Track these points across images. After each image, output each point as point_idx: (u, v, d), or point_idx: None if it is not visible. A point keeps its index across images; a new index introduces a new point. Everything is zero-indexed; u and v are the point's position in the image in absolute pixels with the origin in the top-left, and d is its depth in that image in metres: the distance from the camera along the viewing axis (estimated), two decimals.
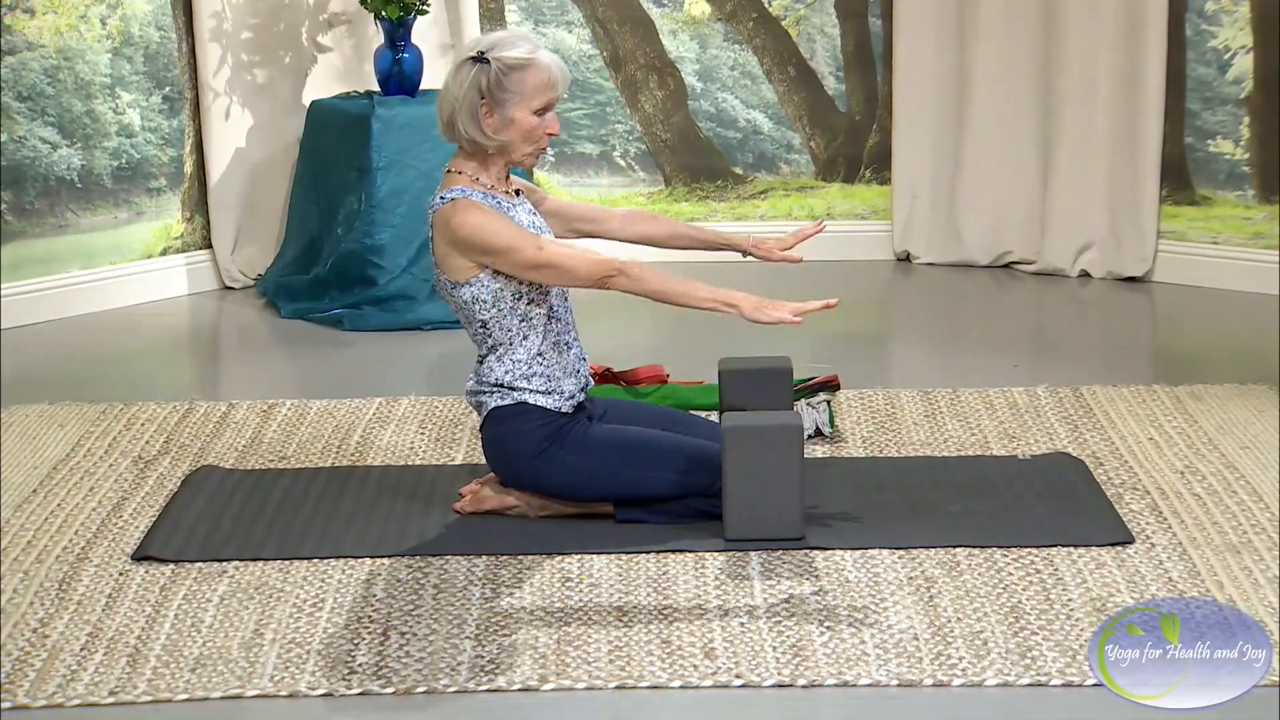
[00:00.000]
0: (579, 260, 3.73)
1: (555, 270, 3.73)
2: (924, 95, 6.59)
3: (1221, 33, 6.18)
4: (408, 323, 5.81)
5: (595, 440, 3.89)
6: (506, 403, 3.86)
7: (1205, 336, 5.76)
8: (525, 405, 3.86)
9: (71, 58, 5.95)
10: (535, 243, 3.73)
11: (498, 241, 3.71)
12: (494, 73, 3.73)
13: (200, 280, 6.35)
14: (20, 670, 3.29)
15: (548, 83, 3.77)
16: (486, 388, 3.88)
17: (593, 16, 6.72)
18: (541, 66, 3.76)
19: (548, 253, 3.72)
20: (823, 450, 4.48)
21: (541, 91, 3.77)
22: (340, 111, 6.04)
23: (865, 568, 3.70)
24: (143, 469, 4.40)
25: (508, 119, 3.76)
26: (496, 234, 3.71)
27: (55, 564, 3.79)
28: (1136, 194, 6.30)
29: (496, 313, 3.81)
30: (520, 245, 3.71)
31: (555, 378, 3.87)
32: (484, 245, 3.72)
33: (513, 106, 3.75)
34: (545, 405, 3.86)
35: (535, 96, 3.76)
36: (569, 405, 3.89)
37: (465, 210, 3.74)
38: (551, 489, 3.93)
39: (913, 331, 6.08)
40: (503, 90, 3.74)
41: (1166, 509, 4.02)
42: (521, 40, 3.79)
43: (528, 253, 3.71)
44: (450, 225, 3.74)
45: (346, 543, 3.87)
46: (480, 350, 3.90)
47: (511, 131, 3.77)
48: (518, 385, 3.85)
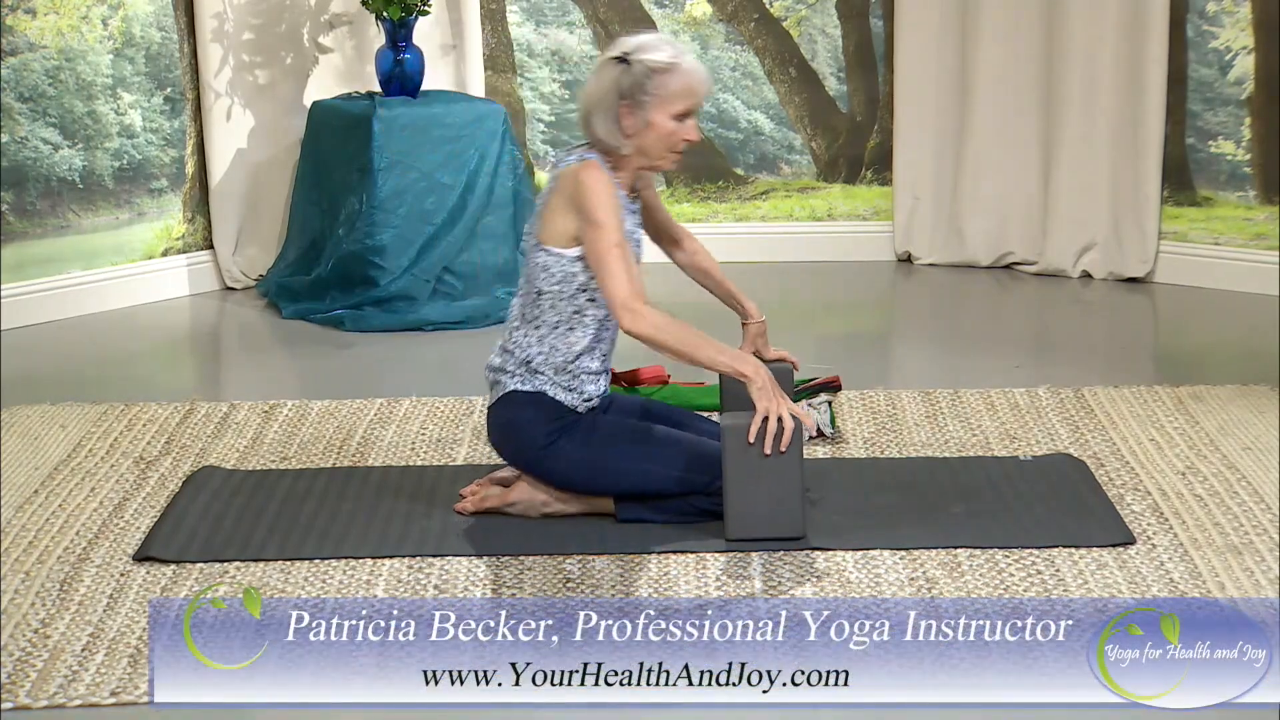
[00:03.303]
0: (630, 276, 3.71)
1: (607, 269, 3.71)
2: (925, 96, 6.59)
3: (1223, 34, 6.17)
4: (409, 323, 5.81)
5: (602, 432, 3.89)
6: (525, 388, 3.87)
7: (1207, 337, 5.76)
8: (543, 396, 3.86)
9: (73, 58, 5.96)
10: (616, 237, 3.72)
11: (599, 214, 3.72)
12: (636, 74, 3.75)
13: (201, 281, 6.36)
14: (21, 671, 3.29)
15: (689, 89, 3.78)
16: (512, 365, 3.88)
17: (594, 17, 6.72)
18: (684, 72, 3.77)
19: (617, 252, 3.72)
20: (824, 451, 4.48)
21: (683, 97, 3.77)
22: (342, 112, 6.04)
23: (866, 568, 3.70)
24: (144, 469, 4.40)
25: (646, 121, 3.77)
26: (604, 207, 3.72)
27: (56, 564, 3.79)
28: (1138, 195, 6.30)
29: (558, 291, 3.82)
30: (610, 232, 3.71)
31: (581, 379, 3.88)
32: (589, 211, 3.73)
33: (652, 109, 3.76)
34: (562, 401, 3.87)
35: (676, 101, 3.77)
36: (584, 407, 3.90)
37: (594, 171, 3.75)
38: (556, 479, 3.93)
39: (914, 332, 6.07)
40: (643, 93, 3.75)
41: (1168, 510, 4.02)
42: (666, 44, 3.80)
43: (607, 244, 3.71)
44: (577, 179, 3.75)
45: (347, 543, 3.87)
46: (524, 320, 3.89)
47: (649, 134, 3.78)
48: (543, 371, 3.85)
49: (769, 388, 3.74)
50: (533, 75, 6.74)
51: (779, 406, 3.73)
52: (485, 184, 5.99)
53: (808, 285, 6.47)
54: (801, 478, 3.80)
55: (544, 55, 6.74)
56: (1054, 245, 6.47)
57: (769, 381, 3.75)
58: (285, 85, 6.38)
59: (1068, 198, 6.41)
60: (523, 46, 6.73)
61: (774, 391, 3.75)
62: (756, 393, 3.74)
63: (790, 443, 3.75)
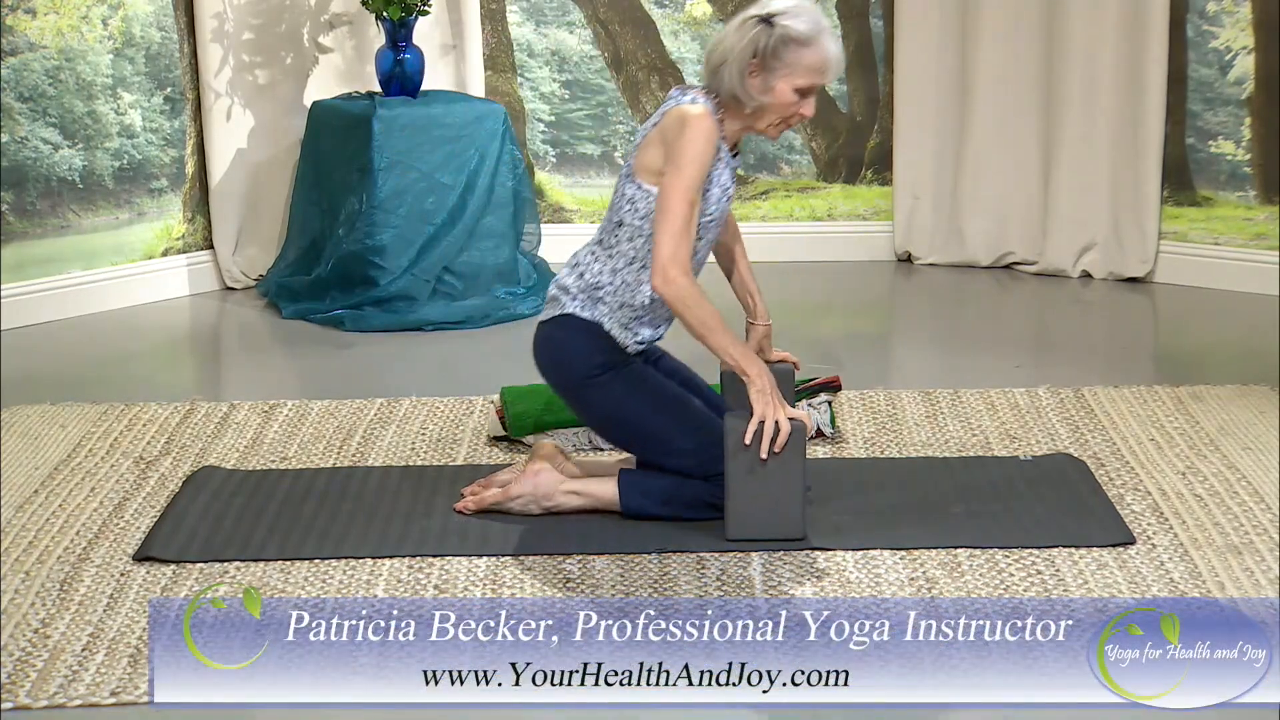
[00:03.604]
0: (681, 242, 3.72)
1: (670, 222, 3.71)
2: (925, 96, 6.59)
3: (1223, 34, 6.17)
4: (409, 323, 5.81)
5: (649, 385, 3.89)
6: (584, 314, 3.88)
7: (1207, 337, 5.76)
8: (598, 328, 3.87)
9: (73, 58, 5.96)
10: (690, 197, 3.72)
11: (685, 162, 3.71)
12: (774, 39, 3.74)
13: (201, 281, 6.36)
14: (22, 671, 3.29)
15: (819, 67, 3.76)
16: (576, 288, 3.89)
17: (594, 17, 6.72)
18: (820, 49, 3.76)
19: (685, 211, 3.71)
20: (824, 451, 4.48)
21: (811, 73, 3.76)
22: (342, 112, 6.04)
23: (866, 568, 3.70)
24: (144, 469, 4.40)
25: (770, 86, 3.76)
26: (692, 160, 3.72)
27: (56, 564, 3.79)
28: (1138, 195, 6.30)
29: (638, 227, 3.83)
30: (687, 187, 3.71)
31: (641, 321, 3.89)
32: (678, 153, 3.72)
33: (779, 76, 3.75)
34: (615, 337, 3.88)
35: (803, 75, 3.76)
36: (635, 348, 3.91)
37: (702, 121, 3.74)
38: (589, 413, 3.94)
39: (914, 332, 6.07)
40: (776, 59, 3.75)
41: (1168, 510, 4.02)
42: (810, 16, 3.78)
43: (680, 189, 3.71)
44: (682, 119, 3.74)
45: (347, 543, 3.87)
46: (600, 246, 3.90)
47: (768, 100, 3.78)
48: (607, 301, 3.86)
49: (769, 392, 3.75)
50: (533, 75, 6.74)
51: (776, 411, 3.74)
52: (485, 184, 5.99)
53: (808, 285, 6.47)
54: (804, 479, 3.80)
55: (544, 55, 6.74)
56: (1054, 245, 6.48)
57: (770, 387, 3.76)
58: (285, 85, 6.38)
59: (1068, 198, 6.41)
60: (523, 46, 6.73)
61: (773, 396, 3.76)
62: (755, 395, 3.75)
63: (790, 445, 3.75)
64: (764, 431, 3.73)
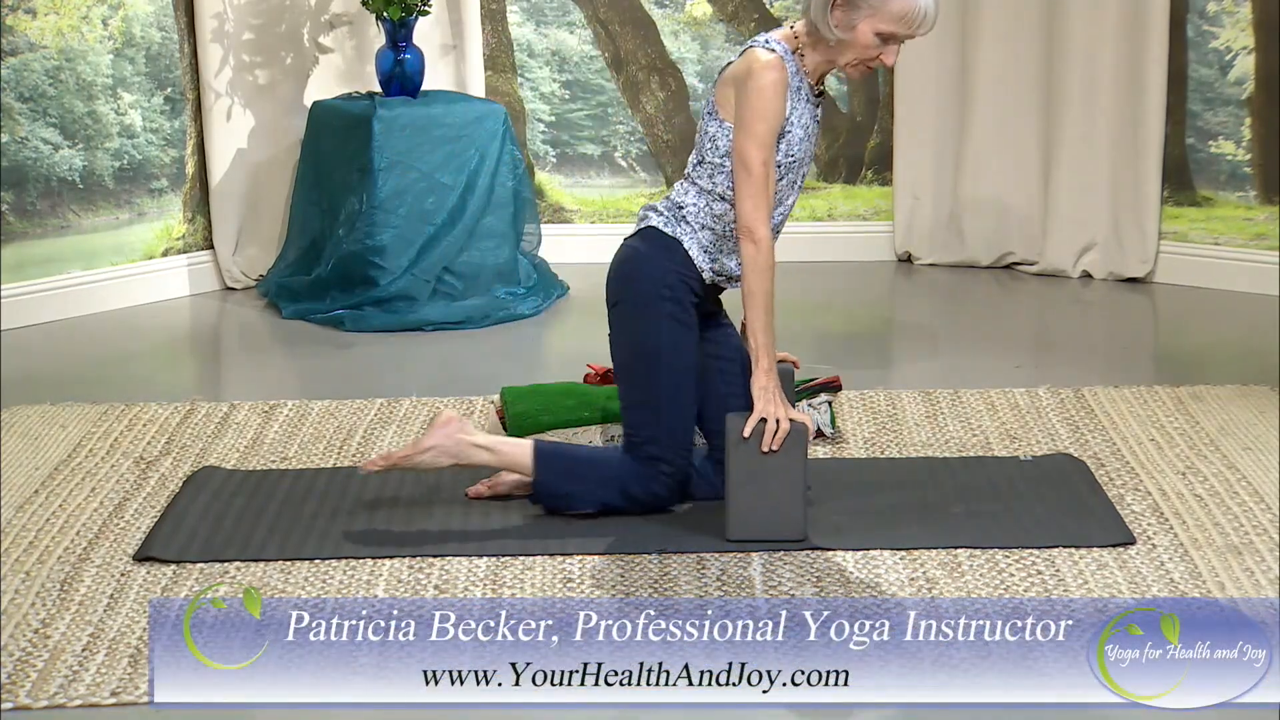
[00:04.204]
0: (759, 202, 3.74)
1: (748, 183, 3.73)
2: (925, 96, 6.60)
3: (1223, 34, 6.18)
4: (409, 324, 5.81)
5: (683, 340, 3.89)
6: (667, 230, 3.88)
7: (1207, 337, 5.76)
8: (681, 247, 3.87)
9: (73, 58, 5.96)
10: (765, 155, 3.73)
11: (754, 120, 3.72)
12: None
13: (202, 281, 6.36)
14: (22, 671, 3.29)
15: (906, 16, 3.70)
16: (664, 207, 3.90)
17: (594, 18, 6.72)
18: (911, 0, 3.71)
19: (761, 171, 3.73)
20: (824, 451, 4.48)
21: (896, 20, 3.71)
22: (342, 112, 6.04)
23: (867, 568, 3.70)
24: (144, 470, 4.40)
25: (852, 25, 3.73)
26: (762, 116, 3.72)
27: (57, 564, 3.79)
28: (1138, 195, 6.30)
29: (718, 164, 3.83)
30: (759, 141, 3.72)
31: (723, 250, 3.89)
32: (746, 108, 3.72)
33: (862, 17, 3.71)
34: (696, 260, 3.87)
35: (888, 21, 3.71)
36: (711, 275, 3.91)
37: (769, 69, 3.72)
38: (621, 329, 3.92)
39: (914, 332, 6.07)
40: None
41: (1168, 510, 4.02)
42: None
43: (755, 150, 3.72)
44: (750, 68, 3.74)
45: (347, 544, 3.87)
46: (686, 178, 3.91)
47: (850, 37, 3.74)
48: (690, 221, 3.87)
49: (771, 390, 3.77)
50: (533, 75, 6.74)
51: (777, 409, 3.76)
52: (485, 184, 5.99)
53: (808, 285, 6.47)
54: (805, 481, 3.81)
55: (544, 55, 6.75)
56: (1054, 245, 6.48)
57: (774, 385, 3.78)
58: (285, 85, 6.38)
59: (1068, 198, 6.41)
60: (523, 47, 6.73)
61: (775, 394, 3.77)
62: (758, 392, 3.76)
63: (791, 446, 3.75)
64: (766, 428, 3.74)
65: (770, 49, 3.76)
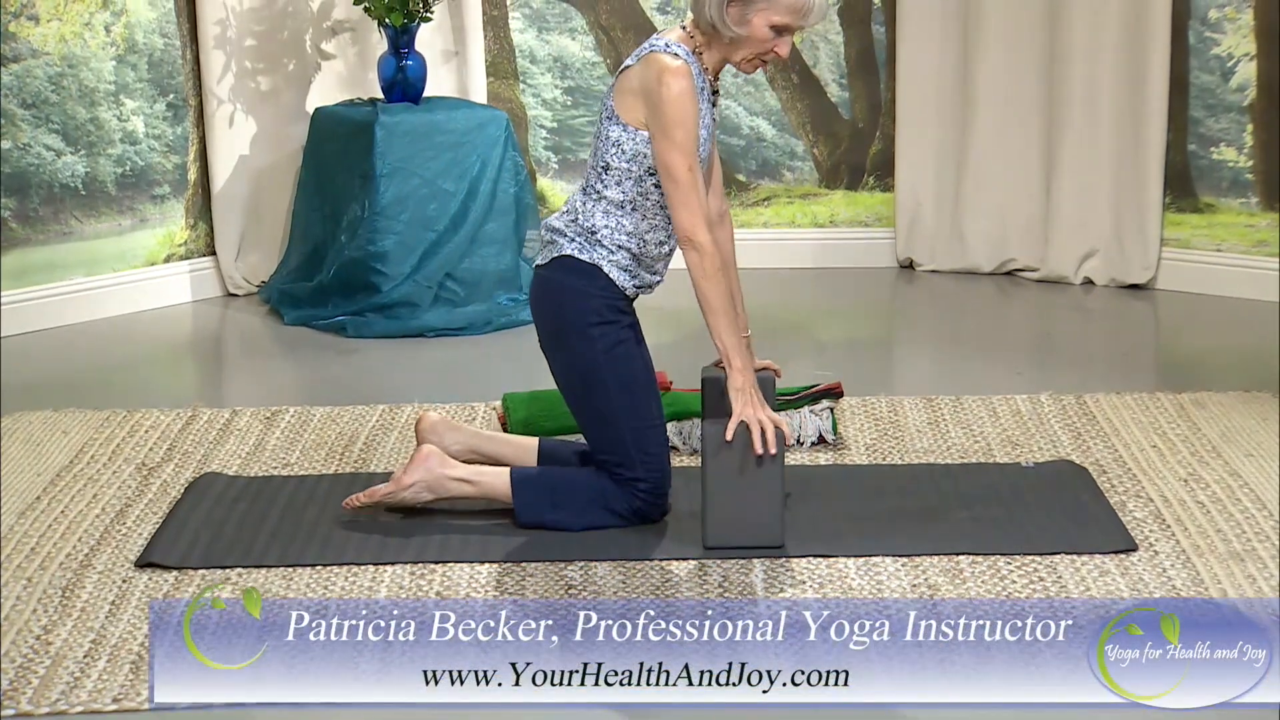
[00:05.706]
0: (693, 208, 3.73)
1: (678, 191, 3.73)
2: (927, 102, 6.60)
3: (1225, 40, 6.18)
4: (411, 330, 5.81)
5: (635, 364, 3.89)
6: (583, 257, 3.86)
7: (1209, 344, 5.76)
8: (598, 270, 3.86)
9: (76, 65, 5.96)
10: (690, 161, 3.73)
11: (673, 128, 3.72)
12: None
13: (204, 287, 6.36)
14: (23, 677, 3.29)
15: (797, 8, 3.74)
16: (573, 231, 3.88)
17: (596, 24, 6.73)
18: None
19: (688, 177, 3.73)
20: (826, 457, 4.48)
21: (789, 12, 3.75)
22: (344, 119, 6.05)
23: (868, 575, 3.70)
24: (146, 476, 4.40)
25: (747, 20, 3.75)
26: (679, 122, 3.72)
27: (58, 571, 3.79)
28: (1140, 201, 6.30)
29: (625, 169, 3.82)
30: (681, 149, 3.72)
31: (638, 263, 3.88)
32: (664, 117, 3.72)
33: (756, 11, 3.74)
34: (615, 280, 3.86)
35: (779, 13, 3.74)
36: (633, 292, 3.90)
37: (679, 77, 3.73)
38: (560, 363, 3.92)
39: (916, 338, 6.07)
40: None
41: (1170, 516, 4.02)
42: None
43: (679, 157, 3.72)
44: (660, 77, 3.74)
45: (349, 550, 3.87)
46: (590, 189, 3.88)
47: (744, 32, 3.77)
48: (605, 244, 3.85)
49: (749, 391, 3.75)
50: (535, 82, 6.75)
51: (757, 411, 3.74)
52: (487, 190, 6.00)
53: (810, 291, 6.47)
54: (782, 487, 3.79)
55: (546, 62, 6.75)
56: (1056, 252, 6.48)
57: (751, 386, 3.76)
58: (287, 92, 6.39)
59: (1070, 204, 6.41)
60: (525, 53, 6.74)
61: (753, 396, 3.76)
62: (735, 394, 3.75)
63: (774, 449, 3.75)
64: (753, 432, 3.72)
65: (674, 53, 3.77)
